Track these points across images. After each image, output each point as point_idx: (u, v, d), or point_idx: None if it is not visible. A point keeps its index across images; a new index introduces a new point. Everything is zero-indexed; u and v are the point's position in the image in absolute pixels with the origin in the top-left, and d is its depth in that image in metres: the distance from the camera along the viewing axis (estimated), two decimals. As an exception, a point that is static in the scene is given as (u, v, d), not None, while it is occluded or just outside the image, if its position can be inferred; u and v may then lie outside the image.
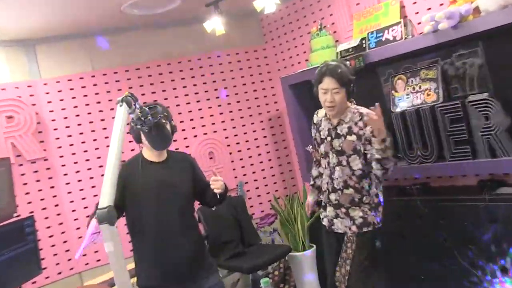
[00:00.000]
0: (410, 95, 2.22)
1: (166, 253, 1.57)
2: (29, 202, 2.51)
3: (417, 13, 2.25)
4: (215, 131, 3.03)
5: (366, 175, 1.75)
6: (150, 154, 1.66)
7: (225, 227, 2.70)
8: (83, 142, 2.69)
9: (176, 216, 1.60)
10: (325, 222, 1.89)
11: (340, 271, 1.78)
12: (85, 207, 2.66)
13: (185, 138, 2.95)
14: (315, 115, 1.93)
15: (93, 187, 2.68)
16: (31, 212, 2.44)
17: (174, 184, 1.62)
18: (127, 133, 1.43)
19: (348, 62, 2.08)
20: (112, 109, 2.71)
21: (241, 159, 3.11)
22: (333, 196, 1.80)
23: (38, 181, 2.56)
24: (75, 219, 2.64)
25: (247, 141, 3.14)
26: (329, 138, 1.81)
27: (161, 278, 1.58)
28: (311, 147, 2.67)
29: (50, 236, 2.55)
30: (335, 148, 1.78)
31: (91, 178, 2.68)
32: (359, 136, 1.73)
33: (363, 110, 1.75)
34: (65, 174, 2.63)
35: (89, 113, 2.72)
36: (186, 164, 1.70)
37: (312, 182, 2.03)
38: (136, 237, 1.65)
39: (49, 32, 2.55)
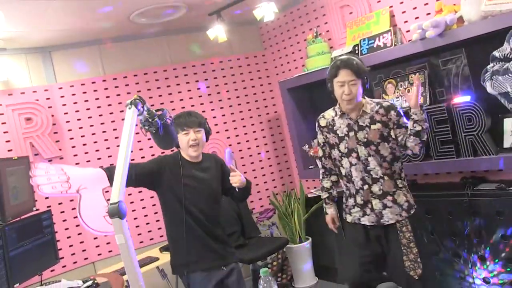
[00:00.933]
0: (399, 98, 2.25)
1: (201, 243, 1.65)
2: (47, 198, 2.54)
3: (406, 22, 2.28)
4: (217, 132, 3.06)
5: (396, 159, 1.69)
6: (188, 155, 1.70)
7: (228, 221, 2.73)
8: (95, 142, 2.73)
9: (209, 210, 1.68)
10: (367, 220, 1.69)
11: (409, 258, 1.63)
12: (98, 202, 2.70)
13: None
14: (321, 119, 1.78)
15: (105, 183, 2.72)
16: (49, 206, 2.48)
17: (209, 182, 1.69)
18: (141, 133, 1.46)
19: (368, 68, 1.98)
20: (121, 111, 2.74)
21: (242, 157, 3.14)
22: (376, 188, 1.67)
23: (54, 178, 2.60)
24: (88, 213, 2.69)
25: (247, 141, 3.17)
26: (352, 133, 1.68)
27: (201, 262, 1.65)
28: (307, 146, 2.71)
29: (66, 229, 2.59)
30: (361, 141, 1.67)
31: (103, 175, 2.72)
32: (384, 123, 1.66)
33: (377, 100, 1.73)
34: (79, 172, 2.67)
35: (101, 115, 2.76)
36: (215, 164, 1.76)
37: (326, 195, 1.85)
38: (173, 224, 1.68)
39: (64, 39, 2.59)
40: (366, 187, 1.70)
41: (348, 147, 1.70)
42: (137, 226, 2.79)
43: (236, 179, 1.64)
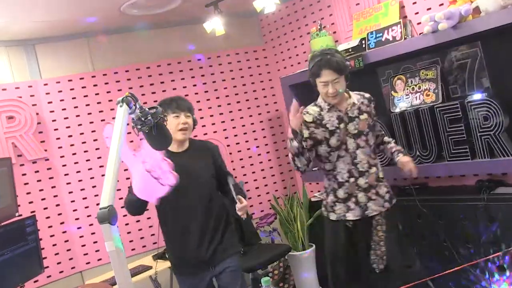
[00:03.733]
0: (409, 96, 2.23)
1: (192, 237, 1.66)
2: (31, 202, 2.52)
3: (416, 13, 2.25)
4: (215, 131, 3.03)
5: (377, 146, 1.87)
6: (172, 145, 1.68)
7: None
8: (83, 142, 2.69)
9: (196, 202, 1.66)
10: (352, 214, 1.77)
11: (376, 253, 1.79)
12: (86, 207, 2.67)
13: (185, 138, 2.96)
14: (306, 114, 1.80)
15: (94, 187, 2.69)
16: (33, 211, 2.45)
17: (194, 172, 1.66)
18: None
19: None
20: (112, 109, 2.71)
21: (241, 159, 3.11)
22: (362, 181, 1.77)
23: (39, 181, 2.57)
24: (76, 219, 2.65)
25: (247, 141, 3.15)
26: (342, 125, 1.77)
27: (183, 258, 1.70)
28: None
29: (52, 236, 2.56)
30: (351, 133, 1.78)
31: (92, 178, 2.69)
32: (368, 113, 1.84)
33: (358, 92, 1.87)
34: (66, 174, 2.64)
35: (90, 113, 2.72)
36: (206, 152, 1.75)
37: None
38: (163, 220, 1.73)
39: (49, 32, 2.56)
40: (352, 180, 1.79)
41: (340, 140, 1.79)
42: (128, 233, 2.76)
43: (243, 211, 1.63)
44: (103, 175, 1.21)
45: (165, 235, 1.74)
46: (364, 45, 2.33)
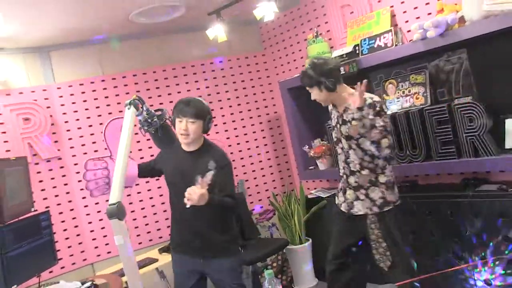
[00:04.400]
0: (400, 99, 2.25)
1: (181, 229, 1.73)
2: (45, 198, 2.54)
3: (406, 21, 2.27)
4: (217, 132, 3.05)
5: (371, 157, 1.76)
6: (182, 143, 1.70)
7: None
8: (93, 143, 2.72)
9: (187, 208, 1.59)
10: (343, 207, 1.85)
11: (378, 251, 1.75)
12: (96, 203, 2.69)
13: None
14: (329, 105, 1.90)
15: (103, 184, 2.72)
16: (47, 207, 2.47)
17: (188, 174, 1.60)
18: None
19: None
20: (120, 111, 2.72)
21: (241, 158, 3.13)
22: (352, 179, 1.80)
23: (52, 178, 2.59)
24: (87, 214, 2.68)
25: (247, 141, 3.17)
26: (338, 125, 1.83)
27: (180, 245, 1.75)
28: (307, 147, 2.70)
29: (65, 230, 2.59)
30: (343, 134, 1.79)
31: (102, 176, 2.71)
32: (361, 120, 1.69)
33: (367, 95, 1.70)
34: (77, 172, 2.66)
35: (99, 115, 2.75)
36: (211, 160, 1.61)
37: None
38: (171, 207, 1.79)
39: (63, 39, 2.59)
40: (345, 177, 1.85)
41: (337, 137, 1.85)
42: (136, 227, 2.79)
43: (190, 196, 1.45)
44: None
45: (171, 214, 1.79)
46: (357, 51, 2.35)
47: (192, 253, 1.69)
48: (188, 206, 1.46)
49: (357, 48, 2.36)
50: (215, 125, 3.06)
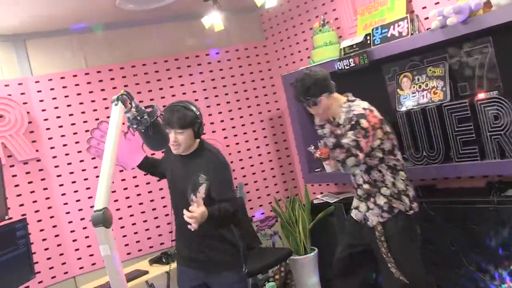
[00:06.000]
0: (416, 94, 2.22)
1: (183, 242, 1.79)
2: (21, 205, 2.50)
3: (424, 7, 2.24)
4: (213, 131, 3.02)
5: (373, 167, 1.80)
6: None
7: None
8: (77, 142, 2.68)
9: (181, 205, 1.65)
10: (359, 216, 1.91)
11: (392, 265, 1.78)
12: (80, 209, 2.65)
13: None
14: None
15: (87, 188, 2.67)
16: (24, 214, 2.44)
17: (185, 178, 1.67)
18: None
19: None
20: (107, 108, 2.70)
21: (240, 159, 3.10)
22: (360, 192, 1.89)
23: (30, 182, 2.55)
24: (69, 222, 2.64)
25: (247, 141, 3.14)
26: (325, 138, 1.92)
27: (183, 259, 1.81)
28: (313, 147, 2.67)
29: (44, 240, 2.54)
30: (330, 148, 1.88)
31: (86, 179, 2.67)
32: (339, 137, 1.80)
33: (355, 110, 1.75)
34: (59, 175, 2.63)
35: (83, 112, 2.71)
36: (203, 163, 1.69)
37: None
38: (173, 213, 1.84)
39: (41, 27, 2.54)
40: (356, 189, 1.92)
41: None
42: (124, 236, 2.75)
43: (191, 220, 1.49)
44: (97, 177, 1.19)
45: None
46: (369, 41, 2.33)
47: (195, 267, 1.75)
48: (193, 230, 1.52)
49: (368, 37, 2.34)
50: (212, 123, 3.02)
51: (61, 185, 2.64)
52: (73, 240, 2.64)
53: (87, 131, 2.69)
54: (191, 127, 1.68)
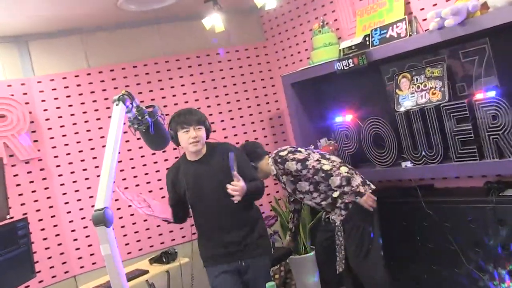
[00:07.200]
0: (414, 94, 2.22)
1: (215, 245, 1.86)
2: (23, 204, 2.49)
3: (422, 9, 2.24)
4: (214, 131, 2.98)
5: (314, 190, 2.10)
6: (189, 154, 1.87)
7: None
8: (78, 142, 2.67)
9: (213, 203, 1.80)
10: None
11: (339, 256, 2.07)
12: (81, 209, 2.65)
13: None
14: None
15: (88, 188, 2.67)
16: (25, 214, 2.43)
17: (209, 178, 1.79)
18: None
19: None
20: (108, 108, 2.70)
21: (240, 159, 3.10)
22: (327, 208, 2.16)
23: (31, 182, 2.54)
24: (70, 221, 2.63)
25: (246, 141, 3.13)
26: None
27: (216, 257, 1.88)
28: (312, 147, 2.67)
29: (44, 239, 2.54)
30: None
31: (87, 179, 2.67)
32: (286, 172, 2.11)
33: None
34: (60, 175, 2.62)
35: (85, 112, 2.70)
36: (221, 156, 1.82)
37: None
38: (195, 222, 1.93)
39: (43, 27, 2.54)
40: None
41: None
42: (124, 235, 2.74)
43: (234, 191, 1.71)
44: (98, 176, 1.19)
45: (197, 231, 1.93)
46: (368, 42, 2.32)
47: (230, 260, 1.85)
48: (236, 202, 1.70)
49: (367, 38, 2.33)
50: (212, 123, 3.01)
51: (62, 184, 2.63)
52: (74, 240, 2.63)
53: (88, 130, 2.71)
54: (204, 124, 1.83)
